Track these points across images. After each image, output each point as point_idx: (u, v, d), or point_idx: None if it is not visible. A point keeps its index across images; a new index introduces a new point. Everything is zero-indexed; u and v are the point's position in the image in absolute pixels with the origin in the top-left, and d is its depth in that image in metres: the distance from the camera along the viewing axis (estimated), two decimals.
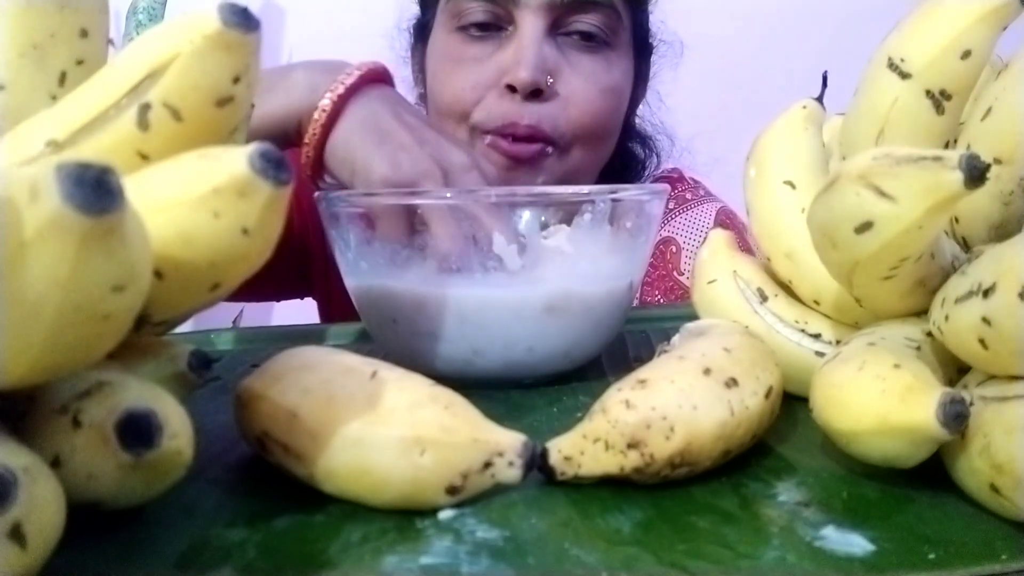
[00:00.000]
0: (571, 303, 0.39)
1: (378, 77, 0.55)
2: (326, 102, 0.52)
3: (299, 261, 0.79)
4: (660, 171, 0.86)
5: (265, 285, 0.80)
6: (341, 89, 0.52)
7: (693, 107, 0.88)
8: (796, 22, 1.53)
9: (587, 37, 0.69)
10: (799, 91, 0.42)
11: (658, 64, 0.82)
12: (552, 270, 0.40)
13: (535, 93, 0.67)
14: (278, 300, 0.87)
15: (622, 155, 0.82)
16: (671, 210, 0.81)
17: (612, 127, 0.74)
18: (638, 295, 0.76)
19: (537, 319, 0.39)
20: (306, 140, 0.53)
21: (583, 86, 0.69)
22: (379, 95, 0.54)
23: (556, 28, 0.68)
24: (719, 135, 0.91)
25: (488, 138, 0.68)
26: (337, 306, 0.81)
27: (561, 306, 0.39)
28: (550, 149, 0.69)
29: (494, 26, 0.69)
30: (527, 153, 0.68)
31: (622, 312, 0.43)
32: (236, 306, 1.38)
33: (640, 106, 0.83)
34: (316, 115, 0.52)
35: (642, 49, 0.79)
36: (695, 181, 0.85)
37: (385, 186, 0.48)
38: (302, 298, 0.85)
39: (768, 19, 1.52)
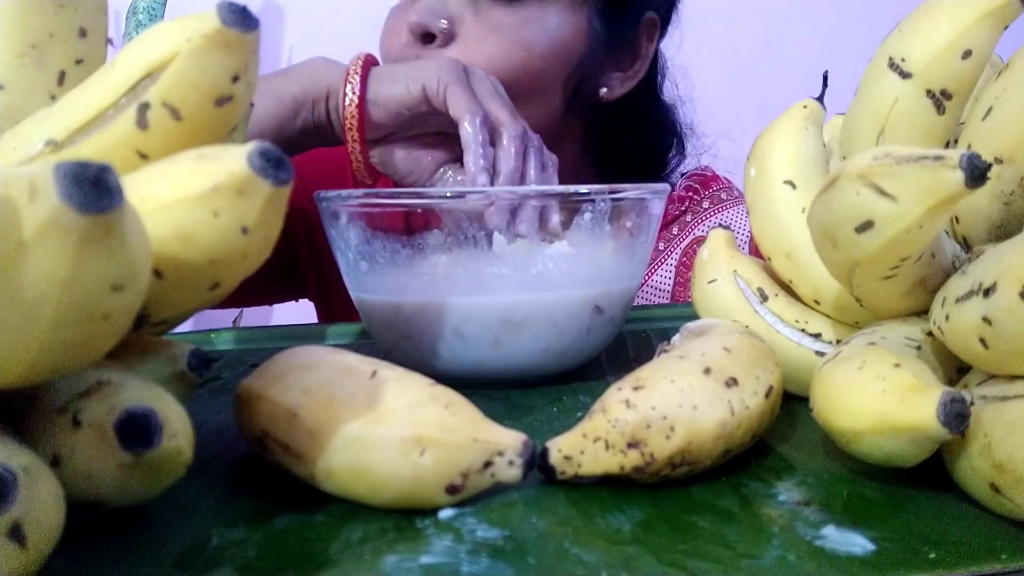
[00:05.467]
0: (570, 303, 0.39)
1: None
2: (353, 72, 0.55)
3: (287, 256, 0.75)
4: (691, 169, 0.82)
5: (255, 286, 0.77)
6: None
7: (704, 105, 0.86)
8: (798, 23, 1.53)
9: None
10: (801, 91, 0.42)
11: (672, 54, 0.78)
12: (550, 270, 0.40)
13: (429, 38, 0.64)
14: (271, 303, 0.83)
15: (635, 148, 0.78)
16: (705, 210, 0.78)
17: (528, 85, 0.66)
18: (670, 295, 0.75)
19: (535, 319, 0.39)
20: (349, 77, 0.54)
21: (483, 36, 0.64)
22: None
23: None
24: (718, 134, 0.90)
25: None
26: (336, 306, 0.78)
27: (559, 305, 0.39)
28: None
29: None
30: None
31: (622, 312, 0.43)
32: None
33: (647, 95, 0.77)
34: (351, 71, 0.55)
35: (618, 13, 0.70)
36: (729, 181, 0.82)
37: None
38: (296, 299, 0.82)
39: (770, 19, 1.53)
